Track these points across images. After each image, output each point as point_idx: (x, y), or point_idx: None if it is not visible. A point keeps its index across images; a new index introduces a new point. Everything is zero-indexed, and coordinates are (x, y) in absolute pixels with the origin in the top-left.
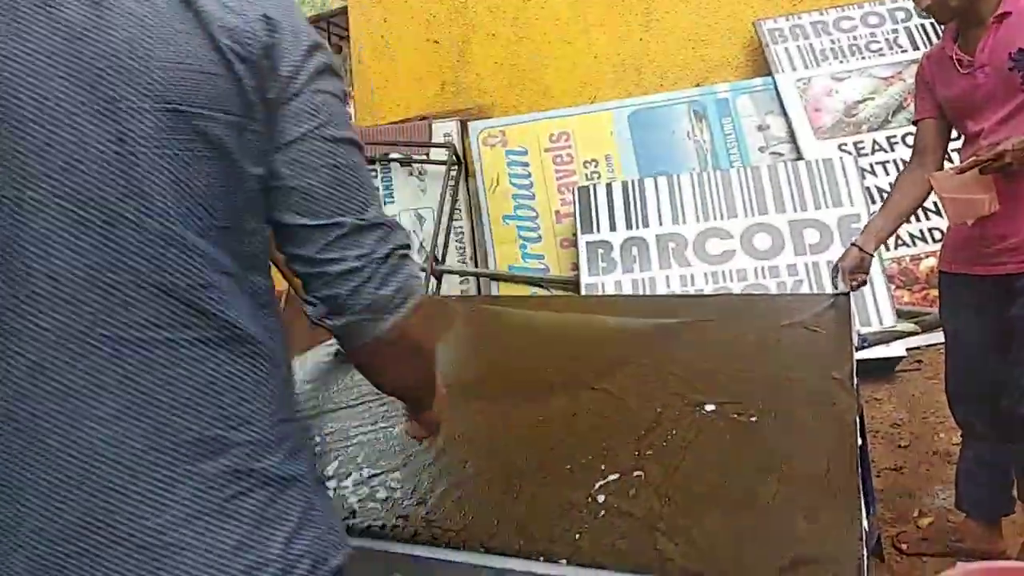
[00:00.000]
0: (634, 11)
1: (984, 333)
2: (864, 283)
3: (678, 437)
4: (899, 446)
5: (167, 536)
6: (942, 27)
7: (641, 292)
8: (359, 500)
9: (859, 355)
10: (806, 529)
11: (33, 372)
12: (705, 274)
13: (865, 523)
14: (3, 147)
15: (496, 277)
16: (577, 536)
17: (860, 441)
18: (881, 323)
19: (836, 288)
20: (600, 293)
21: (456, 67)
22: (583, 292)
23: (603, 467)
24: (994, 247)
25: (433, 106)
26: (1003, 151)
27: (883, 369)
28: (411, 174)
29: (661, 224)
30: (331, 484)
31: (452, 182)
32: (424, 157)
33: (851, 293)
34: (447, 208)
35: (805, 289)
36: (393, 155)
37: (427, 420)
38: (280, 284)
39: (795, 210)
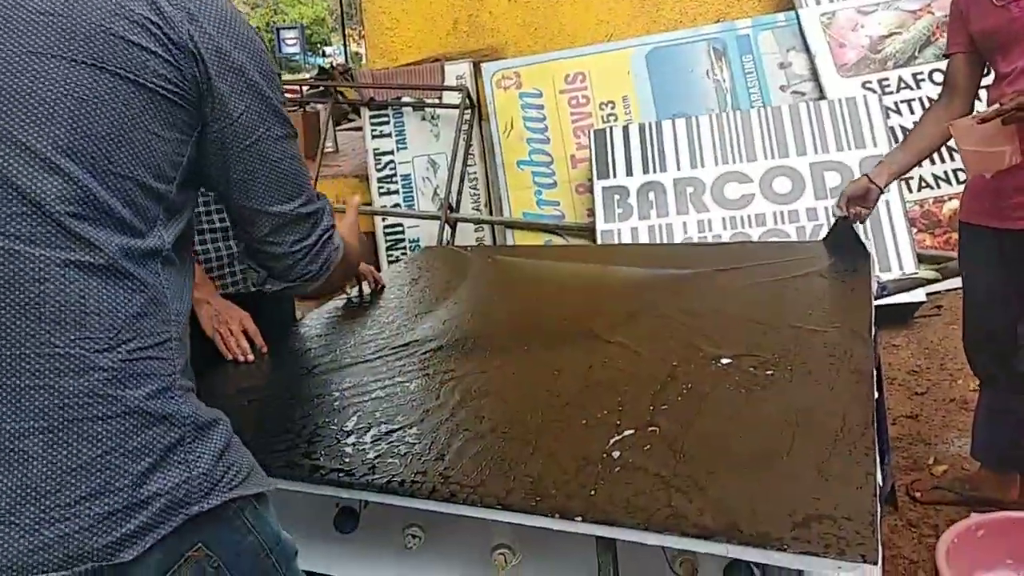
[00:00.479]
0: None
1: (1002, 286)
2: (866, 215)
3: (694, 391)
4: (916, 393)
5: (20, 443)
6: None
7: (658, 238)
8: (378, 455)
9: (878, 302)
10: (820, 486)
11: None
12: (723, 219)
13: (879, 476)
14: None
15: (511, 225)
16: (592, 493)
17: (876, 393)
18: (902, 269)
19: (835, 213)
20: (616, 240)
21: (469, 6)
22: (599, 239)
23: (618, 422)
24: (1011, 200)
25: (446, 46)
26: None
27: (902, 314)
28: (423, 119)
29: (679, 168)
30: (350, 439)
31: (466, 127)
32: (437, 101)
33: (865, 236)
34: (461, 153)
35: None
36: (405, 99)
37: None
38: None
39: (816, 152)
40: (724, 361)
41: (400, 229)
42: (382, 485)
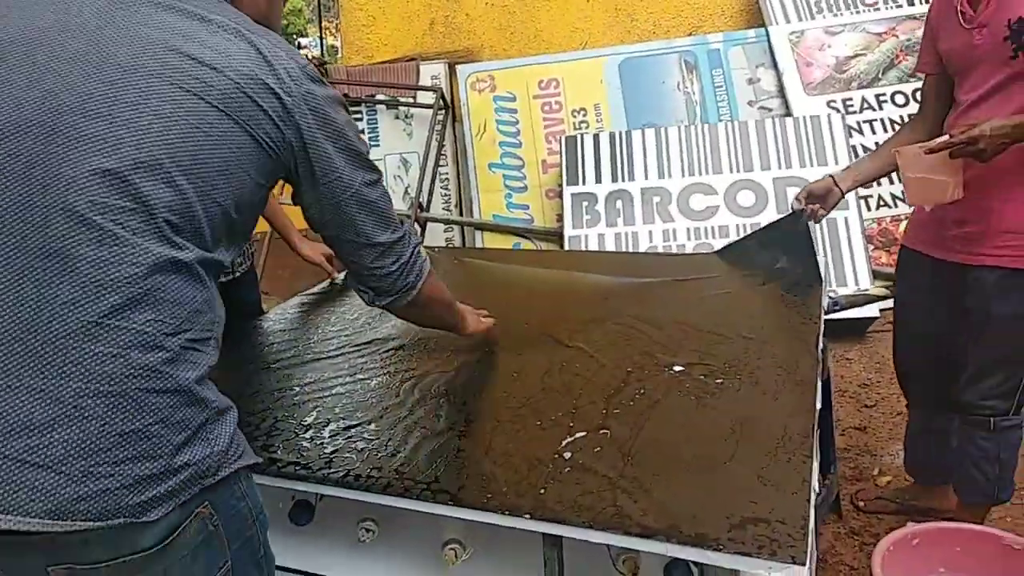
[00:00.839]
0: None
1: (934, 315)
2: (821, 215)
3: (646, 397)
4: (865, 406)
5: (83, 401)
6: None
7: (624, 246)
8: (335, 450)
9: (830, 316)
10: (758, 490)
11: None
12: (688, 229)
13: (816, 484)
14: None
15: (480, 227)
16: (542, 491)
17: (822, 404)
18: (857, 285)
19: (793, 206)
20: (583, 246)
21: (446, 7)
22: (566, 244)
23: (571, 424)
24: (951, 232)
25: (422, 46)
26: (978, 135)
27: (855, 329)
28: (397, 117)
29: (647, 178)
30: (308, 434)
31: (439, 127)
32: (411, 100)
33: (819, 250)
34: (433, 154)
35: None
36: (379, 96)
37: (469, 335)
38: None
39: (780, 167)
40: (677, 369)
41: None
42: (337, 479)
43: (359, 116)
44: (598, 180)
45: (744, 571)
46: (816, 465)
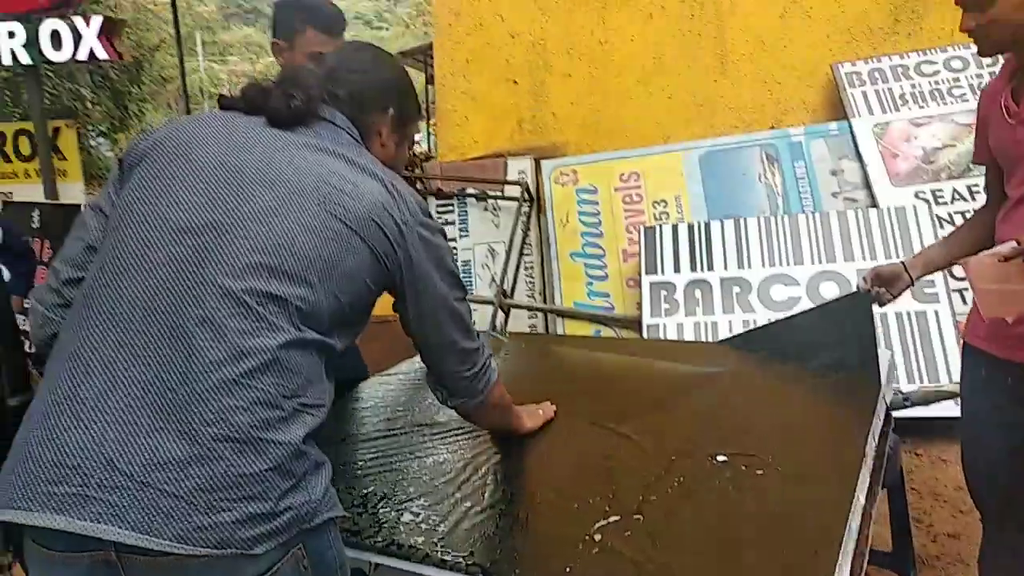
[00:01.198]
0: (710, 53)
1: (1000, 419)
2: (887, 300)
3: (684, 485)
4: (960, 511)
5: (216, 446)
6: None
7: (703, 336)
8: (385, 521)
9: (922, 412)
10: None
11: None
12: (769, 319)
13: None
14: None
15: (561, 313)
16: (568, 569)
17: (897, 504)
18: (951, 379)
19: (859, 286)
20: (661, 335)
21: (533, 106)
22: (645, 333)
23: (607, 508)
24: (1017, 330)
25: (511, 142)
26: None
27: (953, 428)
28: (486, 209)
29: (726, 268)
30: (363, 505)
31: (524, 218)
32: (499, 193)
33: (881, 343)
34: (517, 243)
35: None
36: (469, 190)
37: (526, 432)
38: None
39: (864, 259)
40: (720, 459)
41: None
42: (380, 547)
43: (451, 208)
44: (676, 269)
45: None
46: (847, 561)
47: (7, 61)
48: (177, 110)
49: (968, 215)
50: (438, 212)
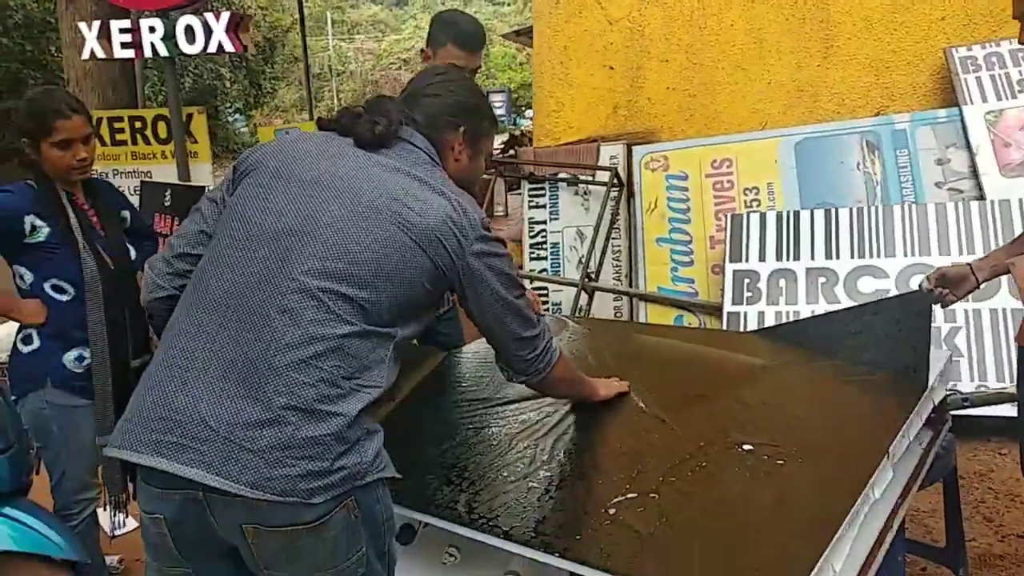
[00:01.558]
0: (814, 37)
1: None
2: (950, 301)
3: (705, 470)
4: None
5: (284, 413)
6: None
7: None
8: (428, 484)
9: (958, 412)
10: (770, 563)
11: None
12: None
13: (838, 565)
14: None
15: (644, 298)
16: (578, 537)
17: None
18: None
19: (922, 285)
20: (742, 322)
21: (629, 92)
22: (724, 320)
23: (628, 485)
24: None
25: (606, 128)
26: None
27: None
28: (576, 193)
29: (813, 258)
30: (414, 469)
31: (613, 203)
32: (590, 178)
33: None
34: (604, 228)
35: (961, 338)
36: (561, 175)
37: (602, 398)
38: None
39: (961, 253)
40: (746, 447)
41: (545, 293)
42: (424, 507)
43: (542, 192)
44: (762, 258)
45: None
46: (847, 546)
47: (148, 53)
48: (304, 89)
49: None
50: (530, 195)
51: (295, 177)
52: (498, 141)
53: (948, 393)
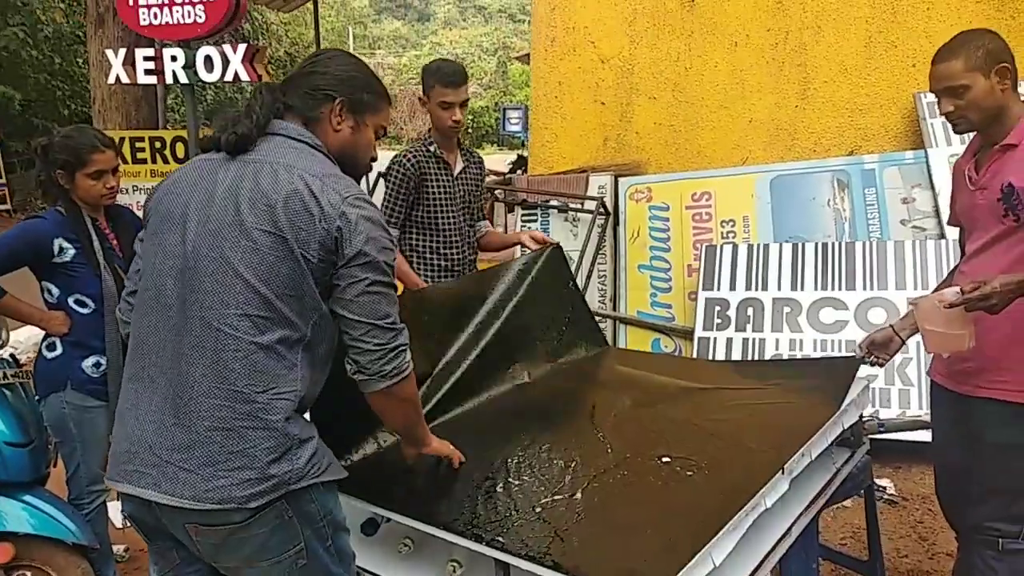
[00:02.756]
0: (792, 79)
1: (957, 444)
2: (884, 362)
3: (624, 478)
4: None
5: (207, 434)
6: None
7: (750, 352)
8: (395, 486)
9: (876, 436)
10: (654, 550)
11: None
12: (815, 341)
13: (717, 557)
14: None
15: (623, 321)
16: (505, 529)
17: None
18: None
19: (856, 352)
20: (711, 347)
21: (618, 126)
22: (695, 345)
23: (557, 489)
24: (958, 366)
25: (596, 159)
26: (990, 292)
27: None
28: (566, 219)
29: (780, 288)
30: (370, 469)
31: (599, 230)
32: (579, 206)
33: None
34: (590, 253)
35: (912, 368)
36: (552, 202)
37: (410, 453)
38: None
39: (916, 287)
40: (665, 459)
41: None
42: (383, 503)
43: (535, 217)
44: (732, 287)
45: None
46: (730, 543)
47: (169, 80)
48: None
49: None
50: (523, 220)
51: (171, 215)
52: (508, 159)
53: (867, 420)
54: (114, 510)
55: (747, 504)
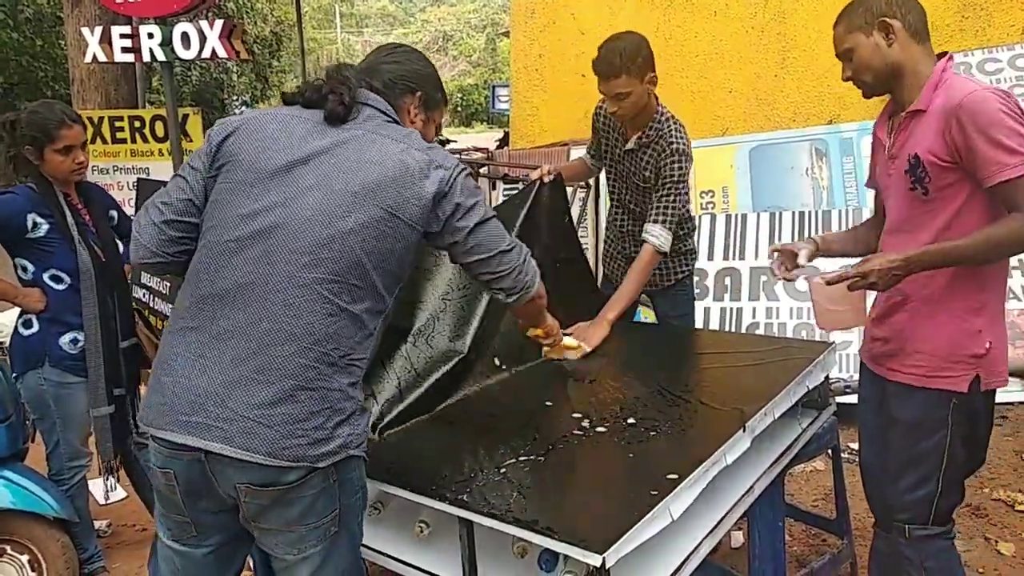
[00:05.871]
0: (771, 48)
1: (876, 428)
2: (786, 275)
3: (591, 439)
4: None
5: (290, 393)
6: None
7: (728, 321)
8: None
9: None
10: (613, 508)
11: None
12: (791, 309)
13: (676, 511)
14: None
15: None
16: (469, 490)
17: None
18: None
19: (769, 256)
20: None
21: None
22: None
23: (523, 451)
24: (876, 348)
25: (576, 132)
26: (867, 271)
27: None
28: None
29: (757, 258)
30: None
31: (581, 203)
32: None
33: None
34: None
35: None
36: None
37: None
38: None
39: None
40: (630, 421)
41: None
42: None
43: (516, 191)
44: (710, 257)
45: (568, 556)
46: (689, 498)
47: (146, 58)
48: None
49: None
50: (504, 194)
51: (268, 169)
52: (494, 137)
53: (833, 381)
54: (96, 486)
55: (707, 460)
